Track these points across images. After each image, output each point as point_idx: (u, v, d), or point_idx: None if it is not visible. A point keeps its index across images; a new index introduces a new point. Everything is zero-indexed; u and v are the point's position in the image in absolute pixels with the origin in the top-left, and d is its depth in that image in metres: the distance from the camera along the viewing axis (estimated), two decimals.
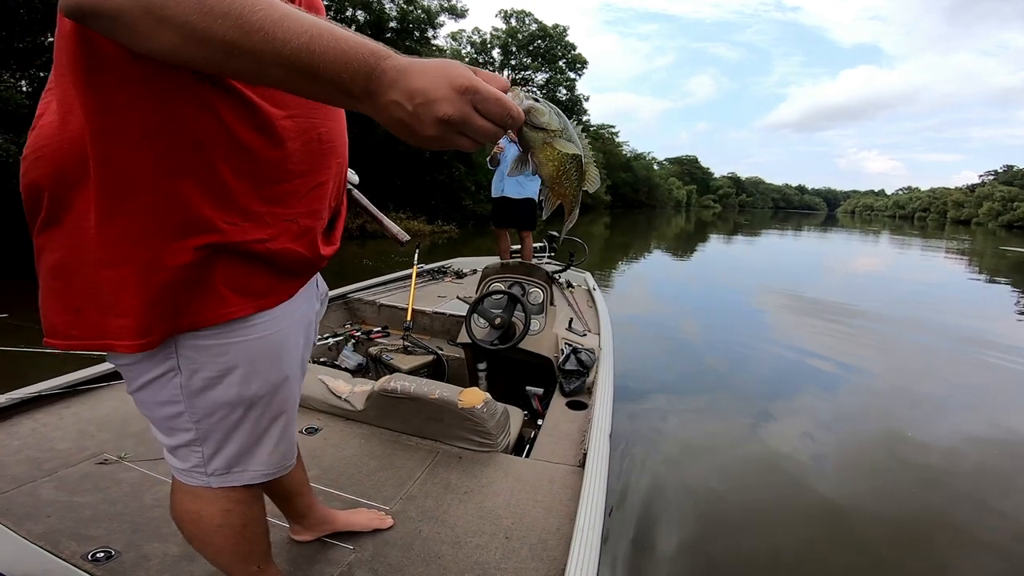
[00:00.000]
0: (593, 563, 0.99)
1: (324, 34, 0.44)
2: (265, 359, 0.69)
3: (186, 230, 0.58)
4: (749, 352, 4.37)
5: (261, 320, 0.67)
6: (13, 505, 1.13)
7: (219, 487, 0.74)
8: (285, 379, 0.73)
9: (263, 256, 0.65)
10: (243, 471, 0.75)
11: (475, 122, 0.47)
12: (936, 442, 2.72)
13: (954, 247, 20.01)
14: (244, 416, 0.71)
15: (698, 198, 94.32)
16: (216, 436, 0.71)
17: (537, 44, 29.27)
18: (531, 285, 2.38)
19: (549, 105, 0.58)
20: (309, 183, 0.69)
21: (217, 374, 0.66)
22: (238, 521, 0.78)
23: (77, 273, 0.59)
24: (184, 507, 0.77)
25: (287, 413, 0.77)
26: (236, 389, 0.68)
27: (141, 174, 0.55)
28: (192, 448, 0.71)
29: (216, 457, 0.72)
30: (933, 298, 7.77)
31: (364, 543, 1.11)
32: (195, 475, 0.74)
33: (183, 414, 0.68)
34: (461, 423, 1.48)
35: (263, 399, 0.71)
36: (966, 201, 63.37)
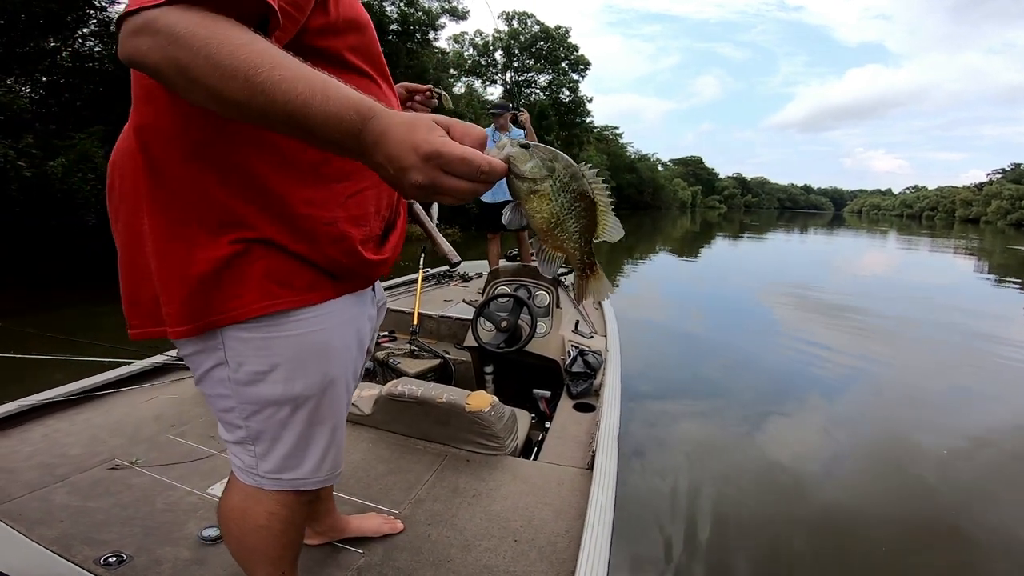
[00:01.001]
0: (603, 565, 0.99)
1: (316, 95, 0.46)
2: (309, 358, 0.70)
3: (223, 226, 0.63)
4: (758, 353, 4.35)
5: (304, 316, 0.68)
6: (26, 510, 1.14)
7: (271, 490, 0.76)
8: (332, 382, 0.74)
9: (301, 255, 0.67)
10: (294, 477, 0.76)
11: (446, 184, 0.47)
12: (949, 442, 2.69)
13: (963, 246, 19.81)
14: (291, 416, 0.72)
15: (703, 199, 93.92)
16: (266, 436, 0.72)
17: (539, 46, 29.30)
18: (537, 288, 2.37)
19: (544, 150, 0.54)
20: (348, 189, 0.70)
21: (262, 369, 0.68)
22: (279, 526, 0.79)
23: (134, 268, 0.66)
24: (232, 503, 0.79)
25: (335, 419, 0.77)
26: (281, 387, 0.69)
27: (183, 175, 0.61)
28: (246, 446, 0.74)
29: (268, 458, 0.74)
30: (944, 297, 7.69)
31: (374, 547, 1.11)
32: (249, 474, 0.76)
33: (234, 409, 0.71)
34: (469, 426, 1.48)
35: (309, 400, 0.72)
36: (974, 200, 62.72)
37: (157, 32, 0.46)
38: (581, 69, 29.90)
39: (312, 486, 0.78)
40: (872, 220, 69.32)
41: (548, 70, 29.72)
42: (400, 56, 14.06)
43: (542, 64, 29.59)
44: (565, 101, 29.71)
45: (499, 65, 29.99)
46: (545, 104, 28.55)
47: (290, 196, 0.65)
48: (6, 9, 6.68)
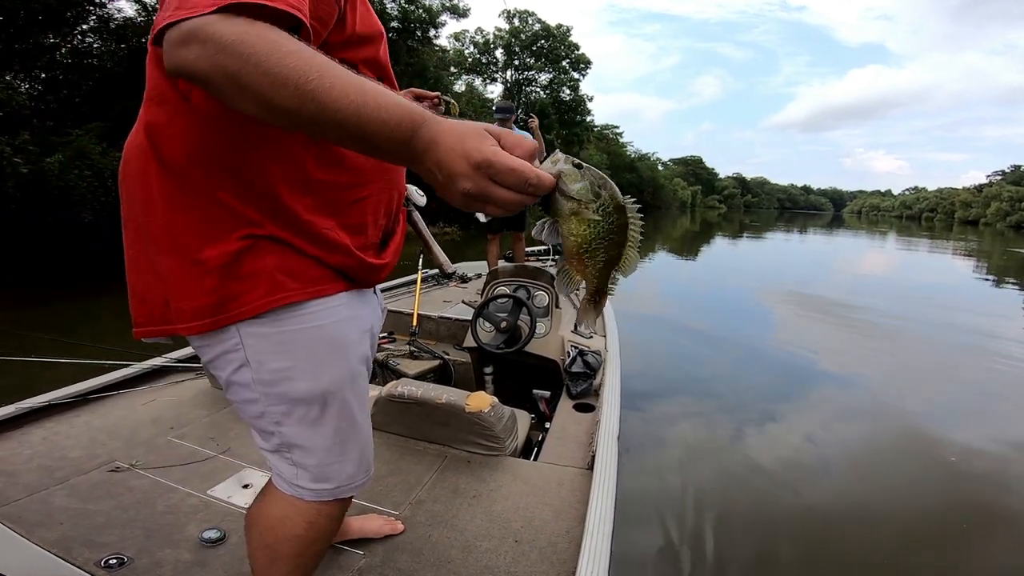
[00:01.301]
0: (604, 565, 0.99)
1: (368, 103, 0.46)
2: (330, 351, 0.70)
3: (232, 224, 0.64)
4: (757, 353, 4.35)
5: (319, 308, 0.68)
6: (26, 513, 1.13)
7: (311, 500, 0.75)
8: (355, 376, 0.74)
9: (309, 253, 0.68)
10: (335, 486, 0.75)
11: (495, 194, 0.47)
12: (949, 442, 2.70)
13: (962, 247, 19.84)
14: (322, 415, 0.71)
15: (703, 199, 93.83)
16: (300, 438, 0.72)
17: (540, 44, 29.22)
18: (536, 288, 2.37)
19: (595, 174, 0.53)
20: (347, 197, 0.71)
21: (285, 365, 0.67)
22: (315, 534, 0.77)
23: (143, 266, 0.67)
24: (271, 512, 0.77)
25: (364, 416, 0.78)
26: (307, 383, 0.69)
27: (193, 176, 0.63)
28: (283, 454, 0.73)
29: (306, 466, 0.73)
30: (944, 298, 7.69)
31: (374, 548, 1.11)
32: (290, 485, 0.75)
33: (264, 414, 0.70)
34: (469, 427, 1.48)
35: (337, 396, 0.72)
36: (974, 201, 62.78)
37: (205, 41, 0.46)
38: (582, 68, 29.86)
39: (351, 491, 0.78)
40: (871, 221, 69.41)
41: (549, 69, 29.66)
42: (400, 54, 14.02)
43: (543, 63, 29.53)
44: (566, 100, 29.67)
45: (500, 63, 29.93)
46: (546, 103, 28.51)
47: (294, 202, 0.66)
48: (5, 6, 6.66)
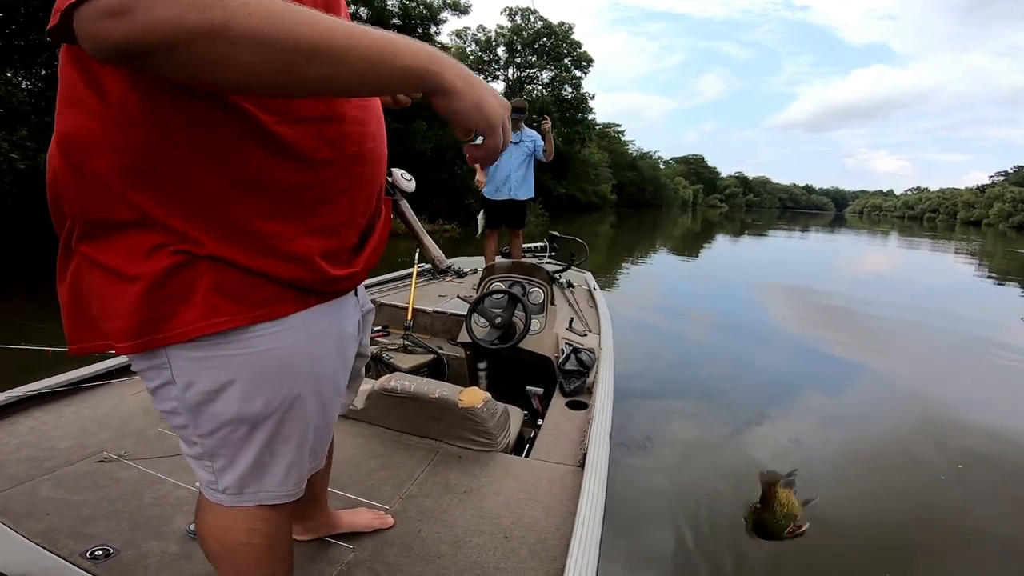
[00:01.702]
0: (592, 563, 0.98)
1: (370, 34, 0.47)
2: (270, 375, 0.64)
3: (163, 240, 0.57)
4: (756, 352, 4.34)
5: (263, 332, 0.62)
6: (12, 504, 1.13)
7: (232, 506, 0.72)
8: (298, 398, 0.67)
9: (256, 270, 0.60)
10: (257, 491, 0.71)
11: (505, 128, 0.60)
12: (951, 442, 2.69)
13: (964, 248, 19.80)
14: (250, 434, 0.66)
15: (704, 198, 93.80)
16: (224, 453, 0.67)
17: (542, 42, 29.17)
18: (532, 285, 2.37)
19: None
20: (317, 196, 0.63)
21: (213, 388, 0.62)
22: (263, 541, 0.74)
23: (72, 282, 0.62)
24: (209, 523, 0.74)
25: (302, 436, 0.71)
26: (236, 405, 0.63)
27: (115, 189, 0.55)
28: (203, 462, 0.69)
29: (226, 474, 0.69)
30: (947, 298, 7.69)
31: (363, 542, 1.11)
32: (209, 490, 0.71)
33: (188, 426, 0.66)
34: (461, 422, 1.48)
35: (271, 418, 0.66)
36: (976, 202, 62.64)
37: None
38: (584, 66, 29.81)
39: (275, 500, 0.73)
40: (874, 221, 69.24)
41: (550, 66, 29.62)
42: None
43: (544, 60, 29.48)
44: (567, 98, 29.64)
45: (501, 61, 29.89)
46: (547, 100, 28.47)
47: (244, 210, 0.58)
48: (5, 2, 6.64)
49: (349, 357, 0.79)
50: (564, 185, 28.30)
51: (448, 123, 0.57)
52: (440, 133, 13.99)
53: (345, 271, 0.68)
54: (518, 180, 3.96)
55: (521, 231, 4.12)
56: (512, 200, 3.99)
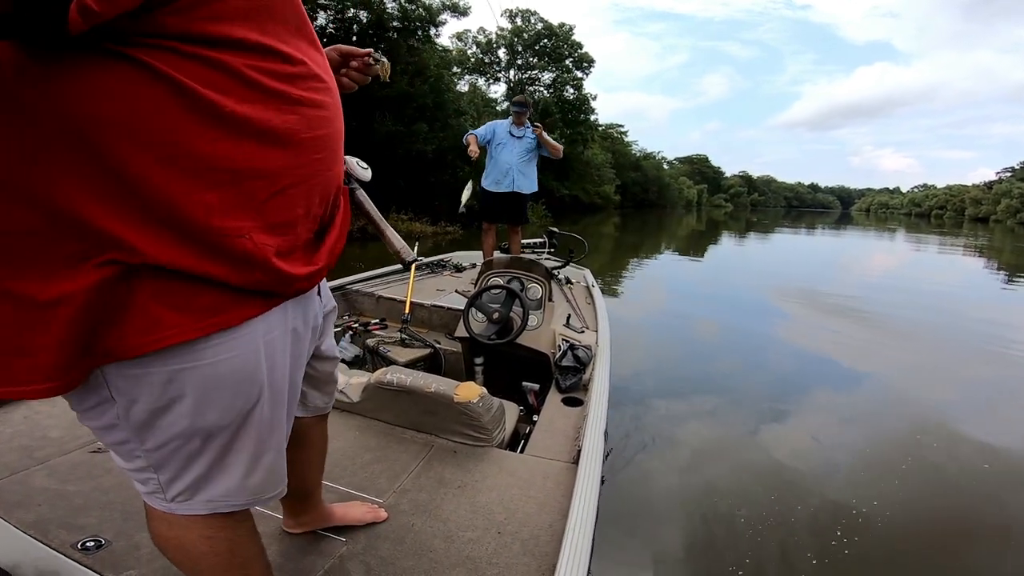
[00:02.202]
0: (584, 559, 0.98)
1: None
2: (224, 386, 0.58)
3: (87, 249, 0.48)
4: (760, 351, 4.31)
5: (215, 342, 0.56)
6: (4, 493, 1.13)
7: (185, 514, 0.65)
8: (254, 407, 0.62)
9: (201, 275, 0.53)
10: (208, 498, 0.65)
11: None
12: (960, 443, 2.66)
13: (973, 244, 19.61)
14: (203, 446, 0.61)
15: (709, 197, 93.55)
16: (171, 466, 0.61)
17: (543, 43, 29.23)
18: (530, 280, 2.36)
19: None
20: (266, 188, 0.55)
21: (162, 404, 0.56)
22: (224, 547, 0.70)
23: None
24: (161, 533, 0.69)
25: (258, 442, 0.65)
26: (188, 420, 0.58)
27: (16, 188, 0.45)
28: (146, 474, 0.62)
29: (175, 484, 0.63)
30: (958, 295, 7.61)
31: (356, 536, 1.11)
32: (156, 500, 0.65)
33: (128, 442, 0.59)
34: (457, 417, 1.48)
35: (226, 428, 0.61)
36: (984, 198, 62.12)
37: None
38: (585, 67, 29.84)
39: (231, 507, 0.67)
40: (880, 219, 68.65)
41: (552, 68, 29.67)
42: (401, 52, 13.97)
43: (546, 62, 29.54)
44: (569, 99, 29.66)
45: (502, 63, 29.98)
46: (549, 102, 28.52)
47: (184, 202, 0.50)
48: None
49: (302, 354, 0.74)
50: (567, 186, 28.29)
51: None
52: (441, 135, 14.01)
53: (305, 269, 0.63)
54: (520, 173, 3.93)
55: (520, 228, 4.11)
56: (514, 193, 3.98)
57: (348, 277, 3.06)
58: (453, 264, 3.86)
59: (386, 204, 12.40)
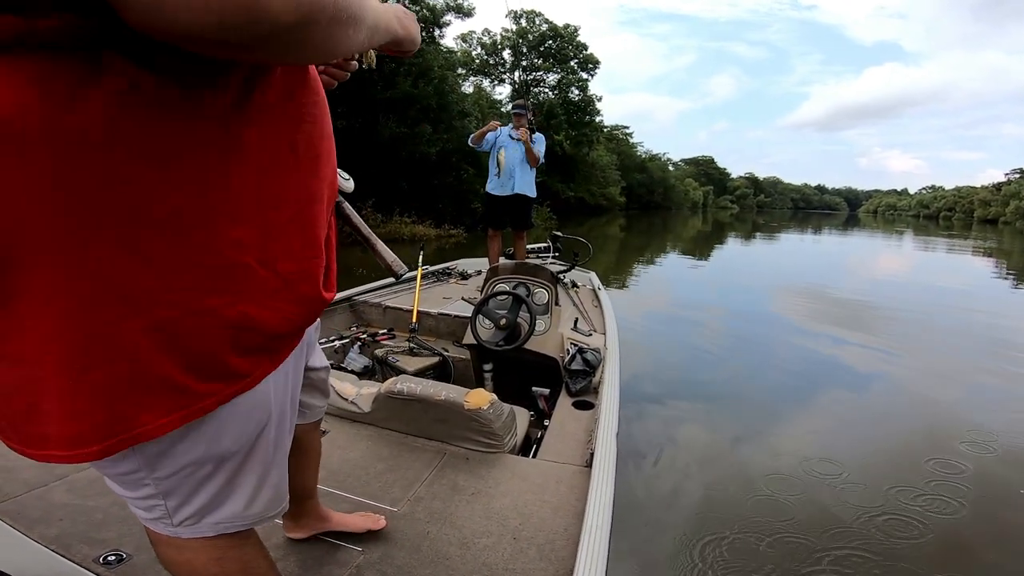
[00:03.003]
0: (602, 563, 0.98)
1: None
2: (242, 415, 0.59)
3: (123, 308, 0.44)
4: (768, 354, 4.29)
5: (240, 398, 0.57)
6: (25, 509, 1.13)
7: (192, 537, 0.64)
8: (264, 429, 0.63)
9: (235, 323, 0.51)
10: (218, 522, 0.64)
11: None
12: (969, 448, 2.63)
13: (982, 247, 19.42)
14: (214, 471, 0.61)
15: (715, 199, 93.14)
16: (181, 492, 0.60)
17: (548, 44, 29.19)
18: (536, 285, 2.37)
19: None
20: (284, 214, 0.54)
21: (175, 437, 0.55)
22: (235, 567, 0.68)
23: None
24: (169, 558, 0.67)
25: (266, 463, 0.66)
26: (204, 447, 0.57)
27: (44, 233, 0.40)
28: (154, 501, 0.61)
29: (181, 509, 0.62)
30: (967, 298, 7.53)
31: (372, 545, 1.11)
32: (161, 525, 0.63)
33: (139, 471, 0.57)
34: (468, 424, 1.48)
35: (236, 454, 0.61)
36: (992, 200, 61.42)
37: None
38: (590, 68, 29.77)
39: (239, 527, 0.66)
40: (888, 220, 68.08)
41: (557, 69, 29.61)
42: None
43: (551, 63, 29.49)
44: (574, 100, 29.59)
45: (507, 64, 29.99)
46: (554, 103, 28.49)
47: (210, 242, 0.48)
48: None
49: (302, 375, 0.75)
50: (572, 188, 28.24)
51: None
52: (445, 137, 13.88)
53: (331, 294, 0.63)
54: (521, 175, 3.97)
55: (525, 232, 4.12)
56: (517, 195, 4.00)
57: (354, 288, 3.06)
58: (459, 272, 3.87)
59: (389, 207, 12.32)
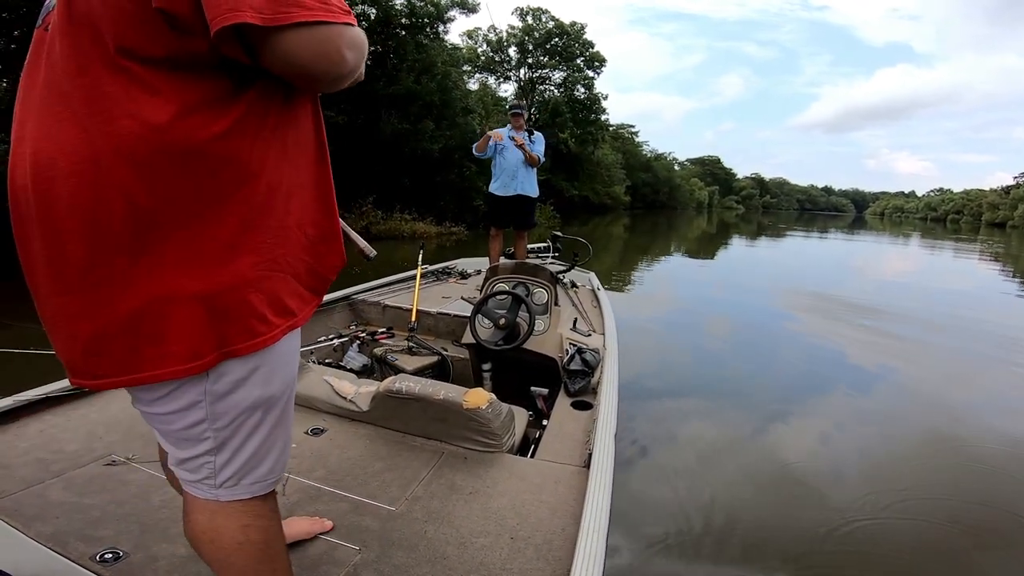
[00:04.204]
0: (599, 564, 0.98)
1: None
2: (285, 357, 0.70)
3: (234, 252, 0.61)
4: (770, 355, 4.28)
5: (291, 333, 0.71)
6: (22, 506, 1.13)
7: (229, 500, 0.71)
8: (294, 378, 0.75)
9: (291, 270, 0.68)
10: (252, 481, 0.72)
11: None
12: (975, 452, 2.61)
13: (988, 250, 19.25)
14: (262, 419, 0.70)
15: (720, 199, 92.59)
16: (232, 443, 0.69)
17: (554, 42, 29.08)
18: (535, 285, 2.37)
19: None
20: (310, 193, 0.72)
21: (244, 375, 0.65)
22: (258, 537, 0.74)
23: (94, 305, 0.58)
24: (200, 526, 0.73)
25: (291, 414, 0.77)
26: (259, 389, 0.67)
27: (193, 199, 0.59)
28: (205, 459, 0.69)
29: (227, 466, 0.70)
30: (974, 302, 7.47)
31: (370, 544, 1.11)
32: (204, 487, 0.71)
33: (203, 422, 0.66)
34: (466, 424, 1.48)
35: (280, 399, 0.71)
36: (1001, 203, 60.73)
37: (361, 45, 0.61)
38: (596, 66, 29.65)
39: (267, 488, 0.75)
40: (895, 223, 67.51)
41: (563, 67, 29.51)
42: (408, 49, 13.74)
43: (556, 61, 29.38)
44: (580, 98, 29.50)
45: (513, 61, 29.90)
46: (559, 101, 28.41)
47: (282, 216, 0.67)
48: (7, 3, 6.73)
49: None
50: (577, 187, 28.18)
51: None
52: (448, 133, 13.78)
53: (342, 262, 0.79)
54: (524, 176, 3.97)
55: (527, 232, 4.12)
56: (520, 196, 4.00)
57: (353, 287, 3.06)
58: (458, 271, 3.87)
59: (390, 204, 12.26)
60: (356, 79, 0.64)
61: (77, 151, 0.54)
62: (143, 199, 0.56)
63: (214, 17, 0.50)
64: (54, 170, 0.55)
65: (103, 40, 0.53)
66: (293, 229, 0.67)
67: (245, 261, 0.62)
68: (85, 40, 0.53)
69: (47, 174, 0.55)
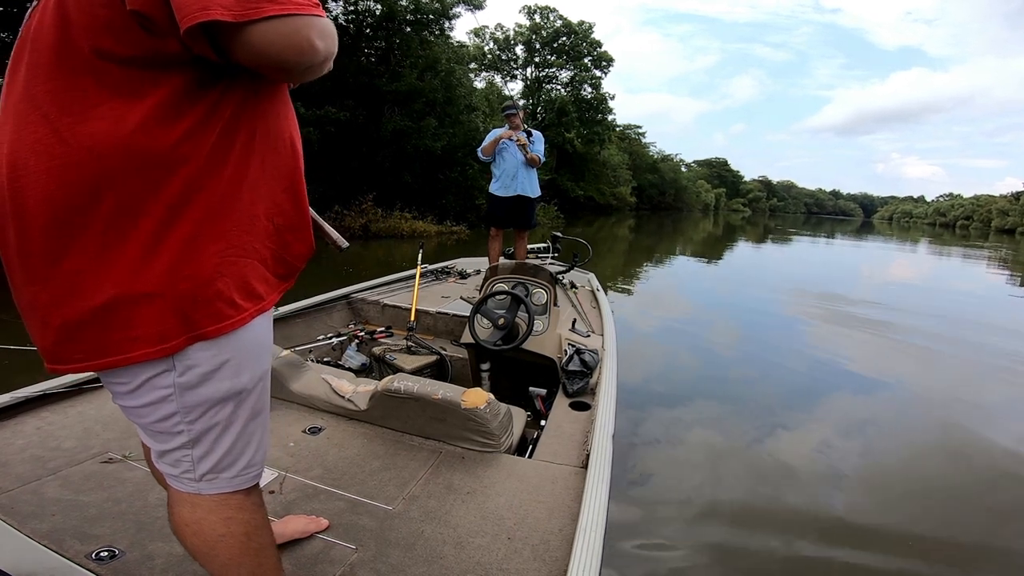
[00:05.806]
0: (596, 564, 0.97)
1: None
2: (253, 349, 0.71)
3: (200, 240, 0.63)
4: (773, 359, 4.25)
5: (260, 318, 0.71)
6: (18, 504, 1.13)
7: (211, 493, 0.73)
8: (266, 372, 0.75)
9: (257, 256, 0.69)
10: (232, 475, 0.73)
11: None
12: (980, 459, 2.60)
13: (996, 256, 19.06)
14: (235, 412, 0.71)
15: (727, 201, 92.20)
16: (208, 437, 0.70)
17: (561, 41, 28.99)
18: (535, 286, 2.36)
19: None
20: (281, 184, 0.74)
21: (212, 368, 0.66)
22: (240, 530, 0.75)
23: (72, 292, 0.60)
24: (183, 518, 0.75)
25: (267, 408, 0.78)
26: (228, 382, 0.68)
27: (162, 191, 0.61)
28: (183, 452, 0.70)
29: (205, 460, 0.71)
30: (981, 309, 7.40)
31: (366, 543, 1.11)
32: (185, 481, 0.72)
33: (175, 414, 0.67)
34: (464, 423, 1.48)
35: (252, 392, 0.72)
36: (1011, 209, 60.05)
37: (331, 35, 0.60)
38: (604, 66, 29.55)
39: (249, 482, 0.76)
40: (903, 228, 66.89)
41: (570, 66, 29.42)
42: (412, 46, 13.66)
43: (564, 60, 29.28)
44: (587, 98, 29.40)
45: (519, 60, 29.84)
46: (566, 100, 28.33)
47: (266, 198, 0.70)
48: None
49: None
50: (582, 187, 28.13)
51: None
52: (451, 131, 13.67)
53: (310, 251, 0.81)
54: (524, 176, 3.96)
55: (527, 232, 4.11)
56: (520, 196, 3.99)
57: (352, 286, 3.06)
58: (458, 271, 3.87)
59: (391, 201, 12.15)
60: (327, 69, 0.65)
61: (49, 151, 0.57)
62: (112, 194, 0.58)
63: (184, 16, 0.51)
64: (26, 170, 0.57)
65: (77, 42, 0.55)
66: (260, 218, 0.69)
67: (212, 249, 0.63)
68: (60, 42, 0.56)
69: (19, 173, 0.57)
